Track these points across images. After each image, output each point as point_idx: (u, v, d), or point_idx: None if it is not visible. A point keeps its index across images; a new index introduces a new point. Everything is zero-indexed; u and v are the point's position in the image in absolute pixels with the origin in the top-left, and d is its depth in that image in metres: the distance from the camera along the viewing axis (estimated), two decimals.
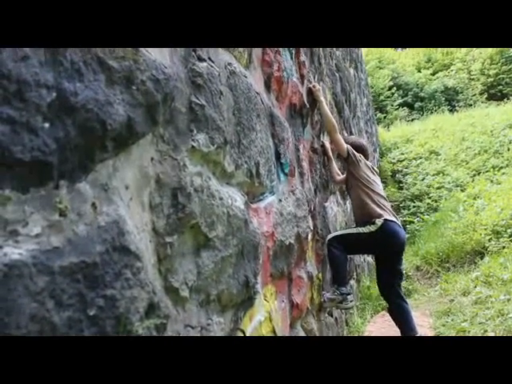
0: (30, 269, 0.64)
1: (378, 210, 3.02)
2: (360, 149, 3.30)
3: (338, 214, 3.74)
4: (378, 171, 3.43)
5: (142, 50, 0.94)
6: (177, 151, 1.08)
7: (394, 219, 3.06)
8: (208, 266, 1.21)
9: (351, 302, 2.95)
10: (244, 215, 1.43)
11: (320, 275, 2.92)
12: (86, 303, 0.74)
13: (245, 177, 1.48)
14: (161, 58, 1.03)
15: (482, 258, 5.83)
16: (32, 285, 0.64)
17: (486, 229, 6.32)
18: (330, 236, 3.07)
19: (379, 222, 2.96)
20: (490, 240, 6.08)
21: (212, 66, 1.28)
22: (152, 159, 1.00)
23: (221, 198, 1.27)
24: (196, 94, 1.18)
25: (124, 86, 0.87)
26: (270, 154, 1.75)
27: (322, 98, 2.96)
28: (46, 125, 0.69)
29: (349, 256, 3.34)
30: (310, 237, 2.55)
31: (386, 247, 3.06)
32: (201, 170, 1.19)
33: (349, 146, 3.17)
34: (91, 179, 0.80)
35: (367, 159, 3.33)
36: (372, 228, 2.97)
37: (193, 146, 1.14)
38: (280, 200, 1.91)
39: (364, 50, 14.83)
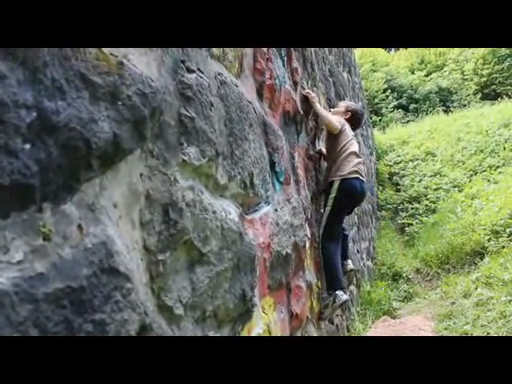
0: (11, 298, 0.61)
1: (345, 166, 3.11)
2: (357, 118, 3.54)
3: None
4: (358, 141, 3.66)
5: (128, 63, 0.92)
6: (167, 166, 1.05)
7: (354, 175, 3.13)
8: (203, 281, 1.18)
9: (342, 295, 2.97)
10: (239, 228, 1.40)
11: (319, 283, 2.89)
12: (74, 329, 0.71)
13: (239, 188, 1.45)
14: (148, 71, 1.00)
15: (481, 259, 5.81)
16: (14, 315, 0.62)
17: (484, 229, 6.30)
18: (320, 235, 3.10)
19: (336, 182, 3.08)
20: (489, 240, 6.06)
21: (201, 77, 1.26)
22: (141, 175, 0.97)
23: (214, 212, 1.25)
24: (185, 106, 1.15)
25: (109, 102, 0.84)
26: (264, 164, 1.72)
27: (317, 104, 2.98)
28: (27, 146, 0.66)
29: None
30: (307, 245, 2.52)
31: (349, 203, 3.24)
32: (192, 183, 1.16)
33: (341, 119, 3.28)
34: (77, 200, 0.77)
35: (358, 127, 3.78)
36: (333, 193, 3.07)
37: (183, 160, 1.12)
38: (276, 209, 1.89)
39: (357, 54, 14.86)
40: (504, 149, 9.90)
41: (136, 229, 0.94)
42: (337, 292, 2.95)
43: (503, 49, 18.65)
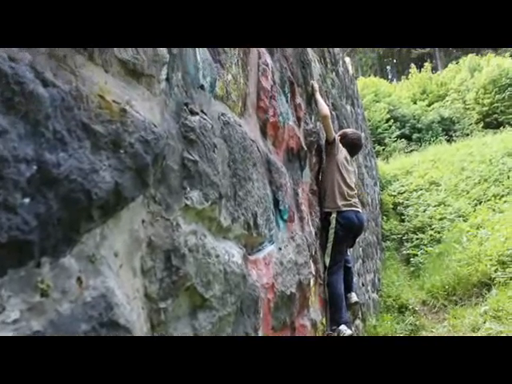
0: None
1: (337, 198, 3.13)
2: (349, 141, 3.48)
3: None
4: (355, 170, 3.59)
5: (131, 110, 0.91)
6: (169, 211, 1.04)
7: (348, 208, 3.16)
8: (205, 327, 1.15)
9: (346, 330, 2.91)
10: (242, 270, 1.38)
11: (324, 320, 2.84)
12: None
13: (242, 229, 1.43)
14: (151, 116, 1.00)
15: (489, 290, 5.73)
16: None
17: (491, 259, 6.24)
18: (325, 270, 3.08)
19: (332, 218, 3.10)
20: (496, 271, 5.99)
21: (205, 119, 1.25)
22: (143, 222, 0.95)
23: (217, 256, 1.22)
24: (189, 149, 1.15)
25: (111, 151, 0.83)
26: (267, 203, 1.71)
27: (318, 90, 3.13)
28: (26, 200, 0.65)
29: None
30: (312, 282, 2.48)
31: (349, 235, 3.23)
32: (195, 227, 1.14)
33: (337, 136, 3.34)
34: (76, 252, 0.76)
35: (355, 151, 3.62)
36: (332, 229, 3.09)
37: (186, 204, 1.10)
38: (280, 248, 1.86)
39: (360, 84, 15.02)
40: (508, 178, 9.91)
41: (137, 277, 0.92)
42: (340, 327, 2.89)
43: (503, 78, 18.89)
